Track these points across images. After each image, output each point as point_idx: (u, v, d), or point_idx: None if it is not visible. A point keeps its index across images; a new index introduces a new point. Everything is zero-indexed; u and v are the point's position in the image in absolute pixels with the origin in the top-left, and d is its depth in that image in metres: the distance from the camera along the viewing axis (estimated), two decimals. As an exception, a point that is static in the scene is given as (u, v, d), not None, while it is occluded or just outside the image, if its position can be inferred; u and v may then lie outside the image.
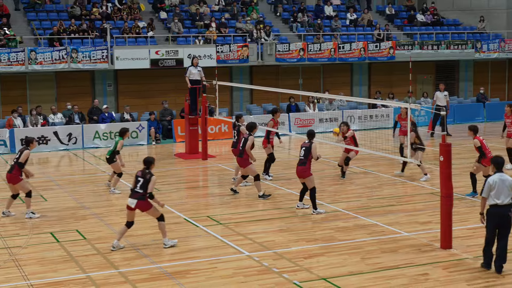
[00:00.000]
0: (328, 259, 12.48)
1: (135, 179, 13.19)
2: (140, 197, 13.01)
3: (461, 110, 32.54)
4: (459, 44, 36.48)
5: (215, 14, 35.10)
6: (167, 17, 34.24)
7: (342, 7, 39.07)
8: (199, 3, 35.20)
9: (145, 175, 13.12)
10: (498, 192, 11.43)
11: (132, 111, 29.04)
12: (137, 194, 13.06)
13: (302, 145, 15.93)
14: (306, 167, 15.62)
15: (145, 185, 13.03)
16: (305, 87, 33.34)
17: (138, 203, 13.01)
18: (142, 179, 13.09)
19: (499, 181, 11.46)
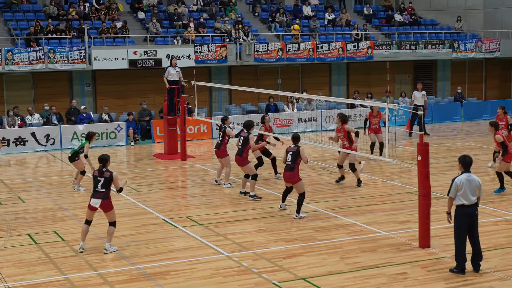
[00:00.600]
0: (307, 259, 12.50)
1: (94, 179, 13.16)
2: (103, 196, 13.02)
3: (439, 110, 32.74)
4: (436, 44, 36.70)
5: (193, 14, 35.03)
6: (145, 17, 34.13)
7: (320, 7, 39.15)
8: (177, 3, 35.12)
9: (102, 173, 13.10)
10: (465, 192, 11.48)
11: (110, 112, 28.90)
12: (100, 193, 13.05)
13: (288, 149, 15.48)
14: (295, 172, 15.25)
15: (106, 184, 13.03)
16: (284, 87, 33.38)
17: (103, 203, 13.00)
18: (102, 179, 13.08)
19: (466, 182, 11.51)
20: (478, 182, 11.63)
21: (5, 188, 19.52)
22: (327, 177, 19.99)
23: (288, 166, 15.34)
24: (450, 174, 20.15)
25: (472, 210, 11.51)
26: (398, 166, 20.59)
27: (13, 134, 25.81)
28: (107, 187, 13.05)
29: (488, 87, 40.09)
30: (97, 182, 13.12)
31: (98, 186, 13.09)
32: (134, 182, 19.88)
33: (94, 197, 13.07)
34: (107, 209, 13.10)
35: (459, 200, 11.52)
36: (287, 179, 15.43)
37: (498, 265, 11.99)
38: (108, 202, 13.04)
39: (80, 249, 13.17)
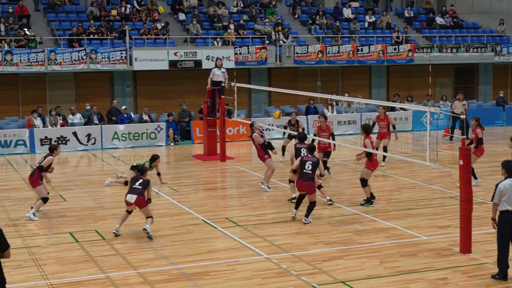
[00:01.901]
0: (347, 262, 12.44)
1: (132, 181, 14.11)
2: (140, 193, 13.82)
3: (481, 114, 32.12)
4: (478, 47, 36.30)
5: (234, 16, 35.15)
6: (185, 18, 34.32)
7: (361, 9, 38.99)
8: (218, 5, 35.26)
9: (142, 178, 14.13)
10: (509, 197, 11.32)
11: (150, 112, 29.13)
12: (136, 190, 13.86)
13: (306, 159, 15.27)
14: (313, 183, 15.20)
15: (144, 184, 13.91)
16: (323, 90, 33.30)
17: (138, 199, 13.77)
18: (141, 179, 14.04)
19: (509, 187, 11.37)
20: None
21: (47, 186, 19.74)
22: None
23: (307, 175, 15.10)
24: (492, 179, 19.93)
25: None
26: (438, 170, 20.39)
27: (55, 133, 26.14)
28: (144, 187, 13.91)
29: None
30: (136, 181, 14.00)
31: (136, 183, 13.95)
32: (174, 182, 20.00)
33: (131, 193, 13.88)
34: (141, 205, 13.88)
35: (503, 205, 11.36)
36: (305, 188, 15.14)
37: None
38: (142, 199, 13.83)
39: (115, 231, 14.10)
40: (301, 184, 15.22)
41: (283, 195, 18.04)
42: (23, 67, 28.65)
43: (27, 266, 12.36)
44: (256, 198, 17.84)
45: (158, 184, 19.18)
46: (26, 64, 28.62)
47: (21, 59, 28.50)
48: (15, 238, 14.02)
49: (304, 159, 15.33)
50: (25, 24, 30.67)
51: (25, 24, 30.67)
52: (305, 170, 15.15)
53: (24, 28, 30.20)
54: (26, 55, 28.59)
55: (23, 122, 27.29)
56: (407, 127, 30.47)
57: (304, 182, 15.16)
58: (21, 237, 14.26)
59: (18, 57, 28.46)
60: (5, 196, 18.35)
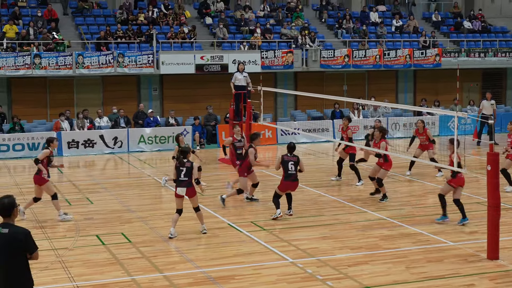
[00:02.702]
0: (373, 267, 12.39)
1: (177, 169, 14.25)
2: (187, 185, 14.15)
3: (509, 119, 31.88)
4: (506, 52, 36.02)
5: (260, 20, 35.19)
6: (212, 22, 34.43)
7: (388, 13, 38.87)
8: (244, 9, 35.33)
9: (184, 164, 14.25)
10: None
11: (177, 116, 29.26)
12: (184, 182, 14.17)
13: (288, 159, 15.69)
14: (298, 181, 16.00)
15: (188, 173, 14.16)
16: (349, 94, 33.22)
17: (188, 190, 14.15)
18: (184, 168, 14.20)
19: None
20: None
21: (74, 189, 19.94)
22: (392, 185, 19.78)
23: (292, 175, 15.73)
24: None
25: None
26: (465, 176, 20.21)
27: (82, 136, 26.37)
28: (189, 176, 14.17)
29: (560, 96, 39.12)
30: (179, 172, 14.21)
31: (181, 175, 14.19)
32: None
33: (179, 186, 14.19)
34: (191, 195, 14.26)
35: None
36: (290, 187, 15.90)
37: None
38: (191, 190, 14.22)
39: (170, 235, 14.27)
40: (287, 184, 15.84)
41: (309, 199, 18.02)
42: (51, 71, 28.93)
43: (54, 268, 12.45)
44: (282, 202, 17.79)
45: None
46: (54, 67, 28.89)
47: (49, 62, 28.78)
48: (43, 240, 14.13)
49: (285, 159, 15.77)
50: (53, 28, 30.98)
51: (53, 28, 30.98)
52: (289, 172, 15.68)
53: (52, 32, 30.50)
54: (55, 59, 28.85)
55: (51, 125, 27.55)
56: (434, 132, 30.28)
57: (290, 183, 15.81)
58: (48, 239, 14.37)
59: (46, 60, 28.73)
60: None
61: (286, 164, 15.76)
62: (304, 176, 20.19)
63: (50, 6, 32.46)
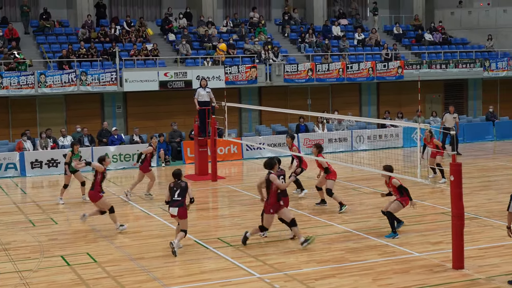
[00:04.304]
0: (340, 280, 12.41)
1: (171, 190, 14.44)
2: (179, 205, 14.29)
3: (471, 129, 32.48)
4: (467, 63, 36.49)
5: (223, 35, 35.26)
6: (175, 39, 34.40)
7: (350, 27, 39.18)
8: (207, 25, 35.37)
9: (179, 185, 14.47)
10: None
11: (141, 133, 29.11)
12: (176, 202, 14.34)
13: (279, 173, 14.85)
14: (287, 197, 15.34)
15: (182, 193, 14.34)
16: (314, 108, 33.38)
17: (179, 211, 14.24)
18: (178, 189, 14.39)
19: None
20: None
21: (38, 209, 19.71)
22: (357, 197, 19.88)
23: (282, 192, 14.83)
24: (483, 194, 20.01)
25: None
26: (430, 186, 20.42)
27: (45, 156, 26.08)
28: (183, 196, 14.35)
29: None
30: (174, 192, 14.41)
31: (175, 195, 14.37)
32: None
33: (172, 206, 14.37)
34: (182, 217, 14.30)
35: None
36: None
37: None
38: (183, 210, 14.29)
39: (173, 247, 14.23)
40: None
41: (275, 214, 18.02)
42: (13, 90, 28.61)
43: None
44: (248, 218, 17.81)
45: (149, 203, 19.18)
46: (16, 87, 28.58)
47: (11, 82, 28.47)
48: (6, 263, 13.93)
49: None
50: (14, 47, 30.68)
51: (14, 47, 30.68)
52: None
53: (13, 51, 30.19)
54: (16, 78, 28.56)
55: (14, 145, 27.19)
56: (398, 143, 30.54)
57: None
58: (12, 261, 14.16)
59: (8, 80, 28.43)
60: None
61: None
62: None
63: (11, 25, 32.16)
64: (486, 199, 19.27)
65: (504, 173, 22.86)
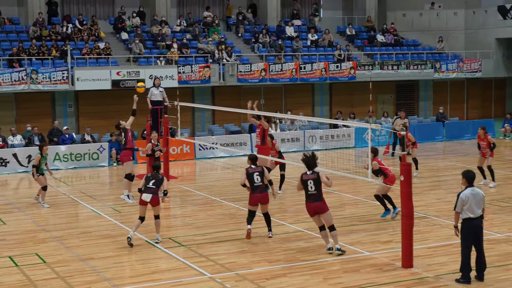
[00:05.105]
0: (291, 279, 12.46)
1: (147, 179, 14.94)
2: (154, 192, 14.75)
3: (421, 130, 32.86)
4: (418, 64, 36.98)
5: (177, 34, 35.12)
6: (128, 37, 34.16)
7: (303, 27, 39.36)
8: (161, 24, 35.19)
9: (156, 176, 15.03)
10: (470, 206, 11.80)
11: (93, 132, 28.83)
12: (151, 189, 14.79)
13: (252, 170, 15.07)
14: (267, 193, 15.14)
15: (158, 183, 14.87)
16: (266, 108, 33.45)
17: (153, 197, 14.71)
18: (154, 179, 14.90)
19: (471, 196, 11.84)
20: (482, 195, 11.99)
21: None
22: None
23: (259, 187, 15.02)
24: (433, 193, 20.29)
25: (478, 222, 11.89)
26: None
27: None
28: (157, 186, 14.85)
29: (469, 107, 40.43)
30: (149, 181, 14.90)
31: (150, 183, 14.86)
32: (116, 203, 19.80)
33: (146, 192, 14.78)
34: (154, 204, 14.79)
35: (466, 214, 11.85)
36: (260, 200, 15.07)
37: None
38: (156, 198, 14.77)
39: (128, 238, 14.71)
40: (255, 197, 15.05)
41: (228, 213, 18.03)
42: (-39, 88, 28.12)
43: (-35, 292, 12.06)
44: (200, 218, 17.77)
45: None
46: (-35, 85, 28.09)
47: (-41, 80, 27.97)
48: (-48, 264, 13.67)
49: (250, 172, 15.12)
50: (-37, 44, 30.15)
51: (-37, 44, 30.15)
52: (255, 184, 15.05)
53: (-38, 49, 29.67)
54: (-36, 76, 28.07)
55: (-38, 144, 26.72)
56: (350, 143, 30.78)
57: (257, 195, 15.02)
58: (-42, 262, 13.91)
59: (-44, 78, 27.93)
60: None
61: (252, 176, 14.99)
62: (223, 190, 20.26)
63: (-41, 22, 31.63)
64: (436, 198, 19.55)
65: (453, 173, 23.20)
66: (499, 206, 18.18)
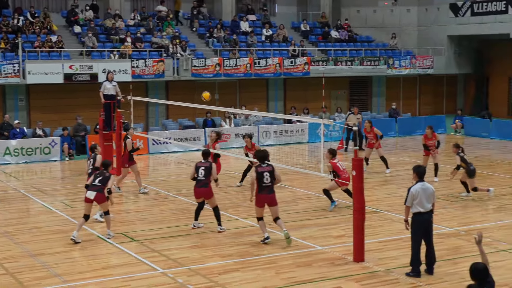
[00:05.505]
0: (243, 274, 12.48)
1: (94, 176, 14.83)
2: (98, 190, 14.55)
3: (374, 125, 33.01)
4: (372, 60, 37.30)
5: (131, 28, 34.84)
6: (81, 31, 33.77)
7: (258, 23, 39.38)
8: (114, 17, 34.87)
9: (103, 173, 14.87)
10: (420, 200, 11.96)
11: (44, 127, 28.45)
12: (96, 187, 14.62)
13: (200, 165, 15.32)
14: (209, 188, 15.28)
15: (104, 180, 14.64)
16: (221, 102, 33.39)
17: (97, 195, 14.54)
18: (101, 176, 14.74)
19: (421, 190, 12.00)
20: (432, 190, 12.15)
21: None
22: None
23: (201, 181, 15.23)
24: (385, 188, 20.52)
25: (428, 217, 12.05)
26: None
27: None
28: (103, 183, 14.60)
29: (421, 103, 40.93)
30: (96, 178, 14.75)
31: (96, 181, 14.68)
32: (69, 198, 19.61)
33: (90, 189, 14.65)
34: (100, 201, 14.69)
35: (416, 208, 12.00)
36: (201, 194, 15.33)
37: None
38: (101, 196, 14.58)
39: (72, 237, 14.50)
40: (197, 191, 15.39)
41: (181, 208, 17.98)
42: None
43: None
44: (152, 213, 17.69)
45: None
46: None
47: None
48: None
49: (197, 166, 15.39)
50: None
51: None
52: (198, 177, 15.24)
53: None
54: None
55: None
56: (304, 139, 30.91)
57: (198, 189, 15.31)
58: None
59: None
60: None
61: (197, 170, 15.26)
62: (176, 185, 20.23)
63: None
64: (387, 193, 19.77)
65: (405, 168, 23.45)
66: (449, 200, 18.46)
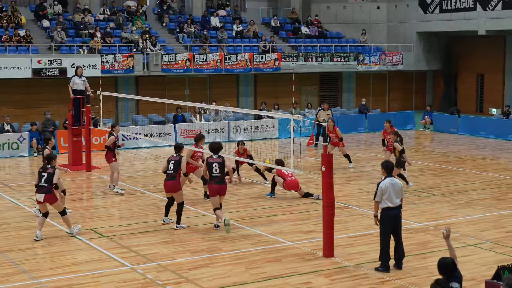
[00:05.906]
0: (213, 270, 12.47)
1: (39, 175, 14.34)
2: (46, 191, 14.17)
3: (344, 121, 33.27)
4: (342, 56, 37.45)
5: (100, 23, 34.59)
6: (50, 25, 33.46)
7: (229, 18, 39.31)
8: (84, 12, 34.60)
9: (46, 169, 14.32)
10: (389, 195, 12.04)
11: (12, 122, 28.16)
12: (43, 188, 14.21)
13: (170, 158, 15.46)
14: (177, 181, 15.33)
15: (49, 178, 14.18)
16: (191, 98, 33.33)
17: (46, 197, 14.18)
18: (45, 174, 14.25)
19: (390, 185, 12.08)
20: (401, 185, 12.26)
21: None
22: (233, 187, 19.98)
23: (170, 175, 15.31)
24: (354, 184, 20.62)
25: (396, 212, 12.14)
26: (303, 177, 20.75)
27: None
28: (49, 182, 14.15)
29: (391, 99, 41.18)
30: (41, 178, 14.29)
31: (41, 181, 14.23)
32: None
33: (38, 192, 14.26)
34: (51, 202, 14.31)
35: (385, 203, 12.08)
36: (169, 188, 15.35)
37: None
38: (50, 196, 14.21)
39: (35, 237, 14.32)
40: (165, 184, 15.42)
41: (151, 204, 17.92)
42: None
43: None
44: (123, 208, 17.61)
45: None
46: None
47: None
48: None
49: (169, 159, 15.50)
50: None
51: None
52: (168, 171, 15.31)
53: None
54: None
55: None
56: (274, 134, 30.94)
57: (167, 182, 15.34)
58: None
59: None
60: None
61: (168, 163, 15.35)
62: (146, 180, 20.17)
63: None
64: (357, 189, 19.87)
65: (374, 163, 23.56)
66: (418, 196, 18.60)
